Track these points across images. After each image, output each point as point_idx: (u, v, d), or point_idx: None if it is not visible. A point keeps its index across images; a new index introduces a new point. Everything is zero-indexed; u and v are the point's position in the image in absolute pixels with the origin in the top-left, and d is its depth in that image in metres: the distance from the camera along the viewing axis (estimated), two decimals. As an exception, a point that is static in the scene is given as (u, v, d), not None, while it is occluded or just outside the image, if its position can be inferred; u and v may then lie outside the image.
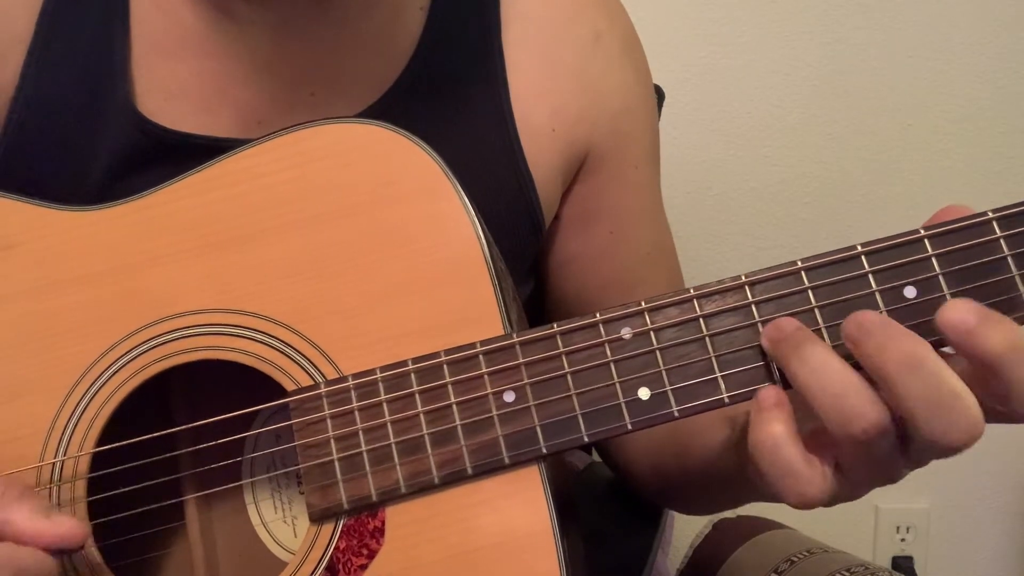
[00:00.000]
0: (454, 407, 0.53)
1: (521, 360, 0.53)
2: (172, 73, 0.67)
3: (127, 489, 0.56)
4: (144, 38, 0.67)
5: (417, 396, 0.53)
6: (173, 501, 0.60)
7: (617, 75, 0.74)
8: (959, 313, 0.44)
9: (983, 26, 1.31)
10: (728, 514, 0.94)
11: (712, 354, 0.52)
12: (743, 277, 0.52)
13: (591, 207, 0.75)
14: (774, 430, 0.48)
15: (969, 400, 0.45)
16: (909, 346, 0.45)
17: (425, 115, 0.69)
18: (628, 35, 0.77)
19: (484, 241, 0.55)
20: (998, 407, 0.46)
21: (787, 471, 0.48)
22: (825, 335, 0.50)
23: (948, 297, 0.50)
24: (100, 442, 0.56)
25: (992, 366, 0.44)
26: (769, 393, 0.49)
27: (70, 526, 0.50)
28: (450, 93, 0.70)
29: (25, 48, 0.66)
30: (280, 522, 0.62)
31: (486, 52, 0.71)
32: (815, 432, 0.49)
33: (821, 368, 0.47)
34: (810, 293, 0.51)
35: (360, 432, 0.53)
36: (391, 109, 0.68)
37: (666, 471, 0.72)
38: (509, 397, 0.53)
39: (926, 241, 0.50)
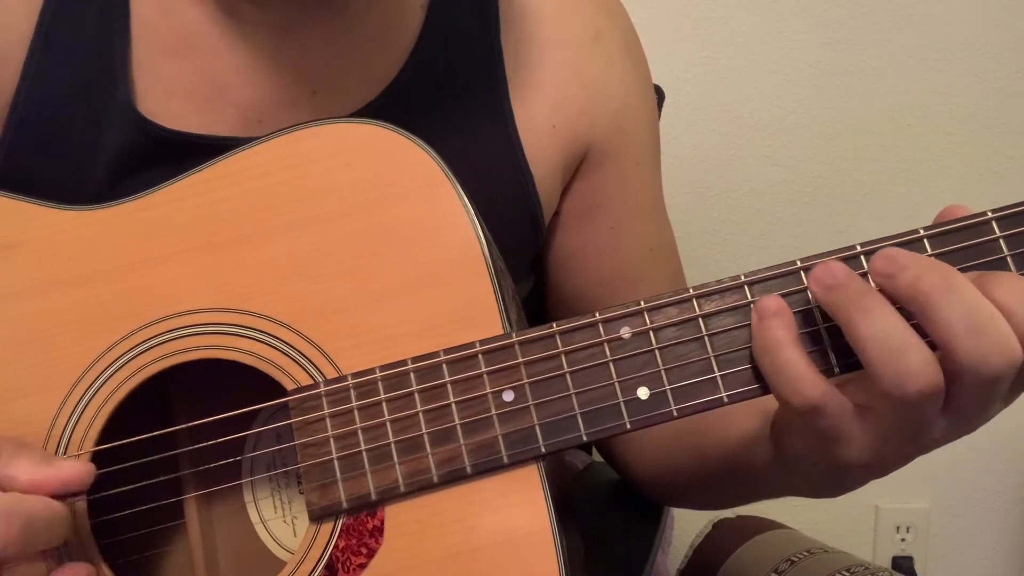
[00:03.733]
0: (453, 406, 0.53)
1: (520, 359, 0.53)
2: (173, 73, 0.67)
3: (127, 488, 0.56)
4: (145, 38, 0.67)
5: (416, 395, 0.53)
6: (173, 500, 0.60)
7: (617, 73, 0.75)
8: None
9: (983, 26, 1.31)
10: (728, 514, 0.94)
11: (711, 354, 0.52)
12: (742, 276, 0.52)
13: (592, 203, 0.75)
14: (777, 335, 0.49)
15: (1003, 322, 0.45)
16: (945, 271, 0.46)
17: (424, 112, 0.69)
18: (628, 34, 0.77)
19: (483, 241, 0.55)
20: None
21: (789, 372, 0.48)
22: (824, 336, 0.50)
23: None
24: (100, 441, 0.56)
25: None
26: (769, 302, 0.49)
27: (73, 468, 0.51)
28: (449, 90, 0.70)
29: (25, 48, 0.66)
30: (280, 521, 0.62)
31: (486, 50, 0.71)
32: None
33: (883, 323, 0.46)
34: (810, 293, 0.51)
35: (359, 431, 0.53)
36: (390, 106, 0.68)
37: (681, 463, 0.72)
38: (508, 396, 0.53)
39: (925, 241, 0.50)
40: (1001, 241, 0.50)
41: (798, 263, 0.51)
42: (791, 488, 0.59)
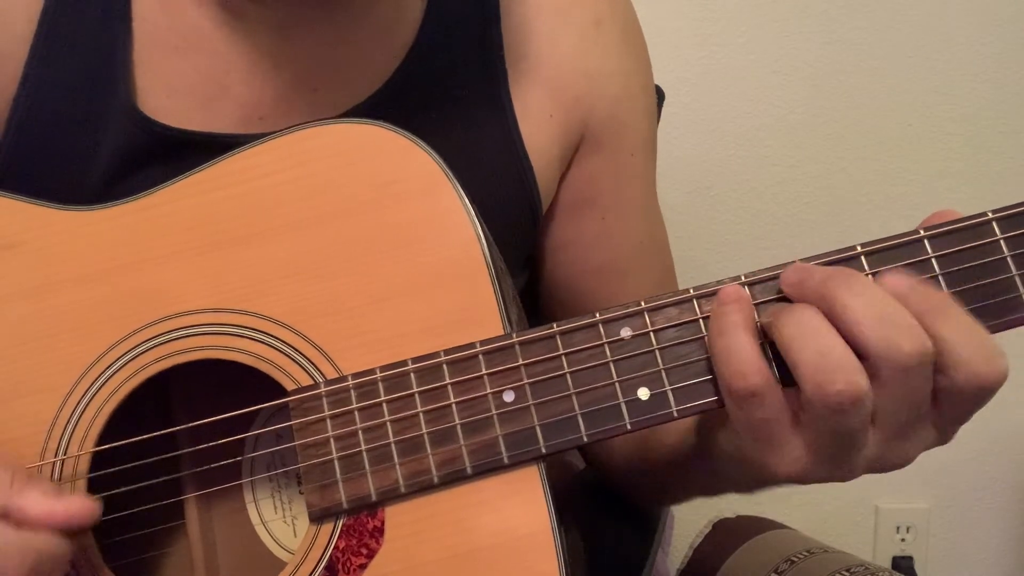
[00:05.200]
0: (453, 407, 0.53)
1: (521, 360, 0.53)
2: (174, 71, 0.67)
3: (127, 488, 0.56)
4: (146, 36, 0.67)
5: (417, 396, 0.53)
6: (173, 500, 0.60)
7: (616, 61, 0.74)
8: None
9: (983, 26, 1.31)
10: (728, 514, 0.94)
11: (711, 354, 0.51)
12: (742, 277, 0.52)
13: (585, 193, 0.75)
14: (732, 319, 0.49)
15: (907, 313, 0.46)
16: (849, 273, 0.47)
17: (424, 106, 0.69)
18: (629, 23, 0.77)
19: (484, 241, 0.55)
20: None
21: (736, 355, 0.48)
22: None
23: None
24: (100, 441, 0.56)
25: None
26: (730, 289, 0.50)
27: (80, 505, 0.51)
28: (449, 83, 0.70)
29: (27, 47, 0.66)
30: (280, 522, 0.62)
31: (485, 41, 0.71)
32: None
33: (807, 323, 0.47)
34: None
35: (359, 432, 0.53)
36: (390, 101, 0.68)
37: (633, 458, 0.73)
38: (508, 397, 0.53)
39: (926, 241, 0.50)
40: (1002, 242, 0.50)
41: (797, 263, 0.51)
42: (714, 484, 0.60)
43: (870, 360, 0.46)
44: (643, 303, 0.52)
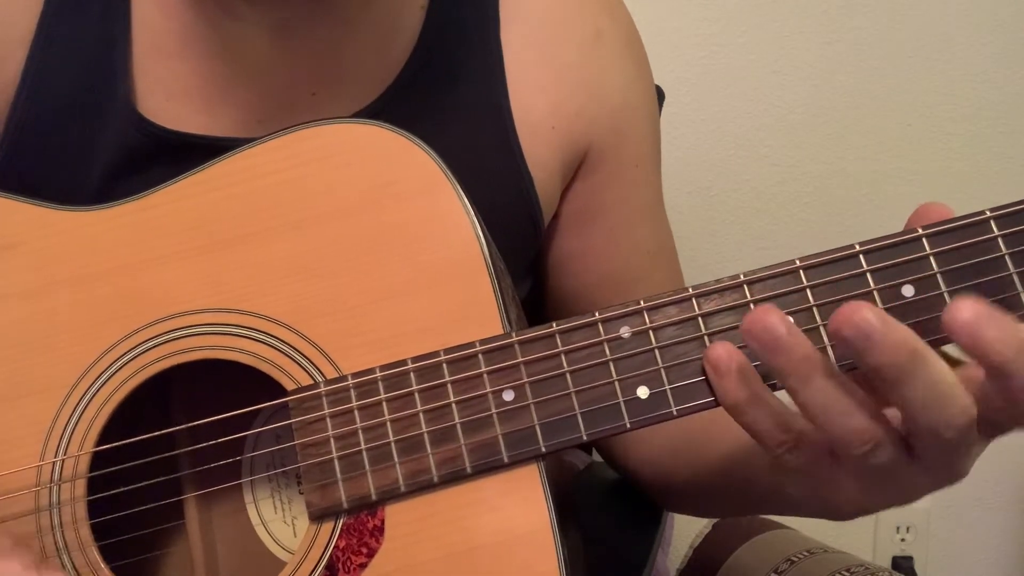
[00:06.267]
0: (453, 406, 0.53)
1: (520, 359, 0.53)
2: (173, 73, 0.67)
3: (127, 488, 0.56)
4: (145, 39, 0.67)
5: (416, 395, 0.53)
6: (173, 500, 0.60)
7: (618, 72, 0.74)
8: (965, 314, 0.42)
9: (983, 26, 1.31)
10: (728, 514, 0.94)
11: (711, 352, 0.52)
12: (741, 276, 0.52)
13: (590, 205, 0.75)
14: (736, 397, 0.48)
15: (960, 389, 0.45)
16: (910, 347, 0.44)
17: (423, 113, 0.69)
18: (630, 33, 0.77)
19: (483, 241, 0.55)
20: (996, 411, 0.46)
21: (758, 428, 0.48)
22: (823, 333, 0.50)
23: (946, 295, 0.50)
24: (100, 441, 0.56)
25: (1000, 368, 0.43)
26: (721, 354, 0.49)
27: None
28: (448, 91, 0.70)
29: (26, 49, 0.67)
30: (280, 522, 0.62)
31: (485, 49, 0.71)
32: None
33: (823, 391, 0.46)
34: (808, 292, 0.51)
35: (359, 431, 0.53)
36: (390, 107, 0.68)
37: (682, 474, 0.72)
38: (508, 396, 0.53)
39: (924, 240, 0.50)
40: (999, 240, 0.50)
41: (796, 262, 0.51)
42: (791, 502, 0.59)
43: (916, 438, 0.46)
44: (642, 302, 0.53)
